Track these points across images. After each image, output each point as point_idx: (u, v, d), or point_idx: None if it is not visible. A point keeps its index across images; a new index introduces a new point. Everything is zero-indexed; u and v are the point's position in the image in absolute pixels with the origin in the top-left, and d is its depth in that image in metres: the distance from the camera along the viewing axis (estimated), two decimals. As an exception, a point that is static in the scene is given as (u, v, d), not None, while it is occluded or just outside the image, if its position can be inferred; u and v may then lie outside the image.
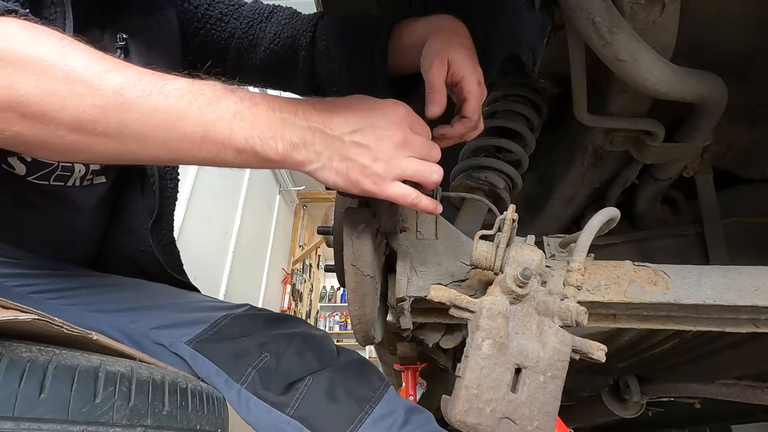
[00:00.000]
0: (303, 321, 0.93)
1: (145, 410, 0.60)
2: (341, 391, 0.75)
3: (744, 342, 1.13)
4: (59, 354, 0.54)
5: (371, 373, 0.82)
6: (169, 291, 0.95)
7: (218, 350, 0.79)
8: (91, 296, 0.85)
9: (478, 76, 0.70)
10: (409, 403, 0.80)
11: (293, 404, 0.74)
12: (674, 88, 0.73)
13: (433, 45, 0.71)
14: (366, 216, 0.66)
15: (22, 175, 0.78)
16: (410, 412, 0.77)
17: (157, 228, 0.97)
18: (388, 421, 0.74)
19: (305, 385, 0.75)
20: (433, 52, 0.70)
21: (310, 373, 0.77)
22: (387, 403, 0.76)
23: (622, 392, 1.75)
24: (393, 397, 0.78)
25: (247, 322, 0.84)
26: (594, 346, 0.60)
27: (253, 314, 0.87)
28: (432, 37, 0.72)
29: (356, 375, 0.79)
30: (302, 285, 7.85)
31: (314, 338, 0.84)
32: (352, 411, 0.73)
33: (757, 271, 0.74)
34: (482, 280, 0.76)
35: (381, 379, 0.80)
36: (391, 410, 0.76)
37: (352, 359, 0.83)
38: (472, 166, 1.00)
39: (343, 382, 0.77)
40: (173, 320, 0.83)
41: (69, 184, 0.84)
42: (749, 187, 1.16)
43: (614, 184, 1.10)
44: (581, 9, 0.66)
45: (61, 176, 0.82)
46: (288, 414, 0.73)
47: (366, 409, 0.74)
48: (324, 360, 0.79)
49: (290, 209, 7.56)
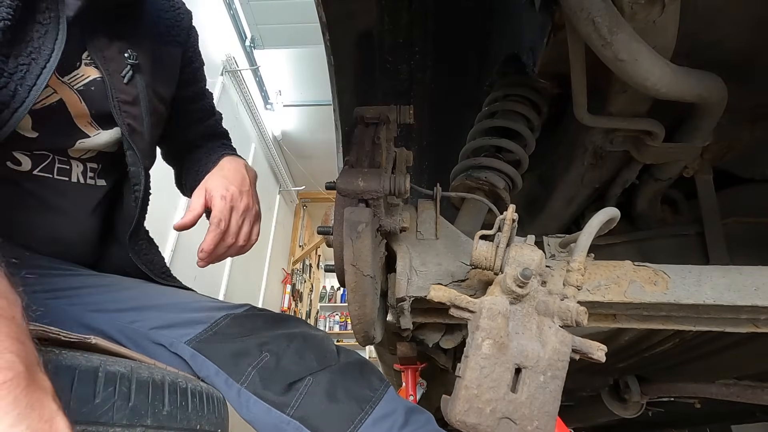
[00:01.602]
0: (303, 321, 0.93)
1: (145, 410, 0.60)
2: (341, 391, 0.76)
3: (744, 342, 1.13)
4: (59, 354, 0.54)
5: (371, 373, 0.82)
6: (169, 291, 0.95)
7: (218, 350, 0.79)
8: (91, 296, 0.85)
9: (223, 192, 0.93)
10: (409, 404, 0.80)
11: (293, 404, 0.74)
12: (674, 88, 0.73)
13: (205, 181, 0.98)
14: (366, 216, 0.66)
15: (27, 170, 0.83)
16: (410, 413, 0.77)
17: (134, 239, 0.98)
18: (388, 421, 0.74)
19: (305, 385, 0.75)
20: (199, 184, 0.97)
21: (310, 373, 0.77)
22: (387, 403, 0.76)
23: (622, 392, 1.75)
24: (393, 398, 0.78)
25: (247, 322, 0.84)
26: (594, 346, 0.60)
27: (253, 314, 0.87)
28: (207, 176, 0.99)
29: (356, 375, 0.79)
30: (302, 285, 7.85)
31: (314, 338, 0.84)
32: (352, 411, 0.73)
33: (757, 271, 0.74)
34: (482, 280, 0.76)
35: (381, 380, 0.80)
36: (391, 410, 0.76)
37: (352, 360, 0.83)
38: (472, 166, 1.00)
39: (343, 382, 0.77)
40: (173, 320, 0.83)
41: (73, 180, 0.90)
42: (749, 187, 1.15)
43: (614, 184, 1.10)
44: (581, 9, 0.66)
45: (62, 170, 0.88)
46: (288, 414, 0.73)
47: (366, 410, 0.74)
48: (324, 360, 0.80)
49: (290, 209, 7.56)
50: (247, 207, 0.96)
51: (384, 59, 1.19)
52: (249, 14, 4.53)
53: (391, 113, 0.77)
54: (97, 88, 0.87)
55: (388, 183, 0.65)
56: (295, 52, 5.01)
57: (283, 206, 6.98)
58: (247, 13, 4.52)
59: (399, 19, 1.11)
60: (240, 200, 0.95)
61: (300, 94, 5.71)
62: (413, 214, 0.84)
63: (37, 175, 0.84)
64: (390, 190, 0.66)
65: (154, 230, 1.14)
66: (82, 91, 0.85)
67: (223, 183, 0.95)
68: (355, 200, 0.68)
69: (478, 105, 1.11)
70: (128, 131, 0.90)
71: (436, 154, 1.47)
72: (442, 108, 1.33)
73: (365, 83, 1.23)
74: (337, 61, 1.10)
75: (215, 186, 0.94)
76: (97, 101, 0.87)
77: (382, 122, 0.76)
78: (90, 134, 0.89)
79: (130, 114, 0.91)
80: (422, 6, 1.09)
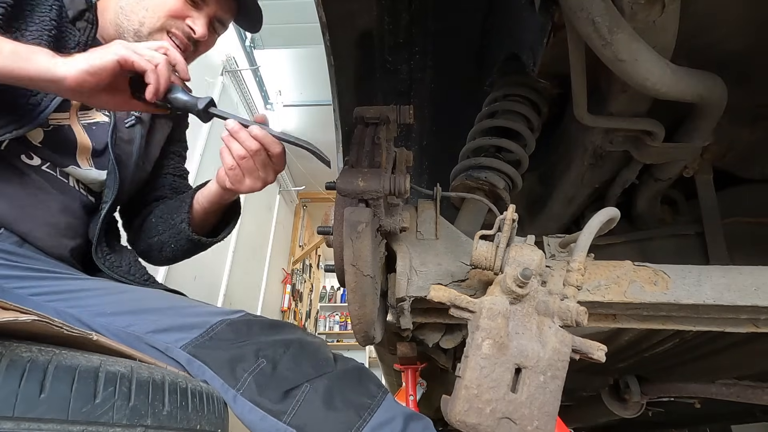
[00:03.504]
0: (299, 328, 0.93)
1: (145, 410, 0.60)
2: (338, 398, 0.75)
3: (744, 342, 1.13)
4: (59, 354, 0.54)
5: (369, 380, 0.81)
6: (165, 296, 0.96)
7: (214, 355, 0.79)
8: (88, 299, 0.86)
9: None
10: (407, 410, 0.79)
11: (290, 412, 0.73)
12: (674, 88, 0.73)
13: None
14: (366, 216, 0.66)
15: (37, 164, 0.95)
16: (409, 419, 0.77)
17: (99, 249, 1.02)
18: (387, 429, 0.73)
19: (302, 392, 0.75)
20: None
21: (307, 380, 0.76)
22: (385, 410, 0.76)
23: (622, 392, 1.75)
24: (391, 405, 0.78)
25: (243, 328, 0.84)
26: (594, 346, 0.60)
27: (249, 320, 0.87)
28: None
29: (354, 383, 0.79)
30: (302, 285, 7.85)
31: (311, 345, 0.83)
32: (350, 419, 0.73)
33: (757, 271, 0.74)
34: (482, 280, 0.76)
35: (379, 387, 0.80)
36: (389, 418, 0.75)
37: (349, 367, 0.82)
38: (472, 166, 1.00)
39: (341, 389, 0.76)
40: (168, 325, 0.83)
41: (71, 184, 1.01)
42: (749, 187, 1.16)
43: (614, 184, 1.10)
44: (581, 9, 0.66)
45: (63, 172, 0.99)
46: (284, 422, 0.73)
47: (364, 417, 0.73)
48: (321, 367, 0.79)
49: (290, 209, 7.56)
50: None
51: (384, 59, 1.19)
52: (249, 14, 4.53)
53: (391, 113, 0.77)
54: (100, 128, 1.04)
55: (388, 183, 0.65)
56: (295, 52, 5.01)
57: (283, 206, 6.98)
58: (247, 14, 4.52)
59: (399, 19, 1.11)
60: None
61: (300, 94, 5.71)
62: (413, 214, 0.84)
63: (44, 170, 0.96)
64: (390, 190, 0.66)
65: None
66: (86, 127, 1.02)
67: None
68: (355, 200, 0.68)
69: (478, 105, 1.11)
70: (115, 158, 1.03)
71: (436, 154, 1.47)
72: (442, 108, 1.33)
73: (365, 83, 1.23)
74: (337, 61, 1.10)
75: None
76: (99, 136, 1.03)
77: (382, 122, 0.76)
78: (82, 167, 1.01)
79: (122, 148, 1.07)
80: (422, 6, 1.09)
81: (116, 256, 1.05)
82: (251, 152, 0.91)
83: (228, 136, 0.93)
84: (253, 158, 0.92)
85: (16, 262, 0.86)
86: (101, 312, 0.84)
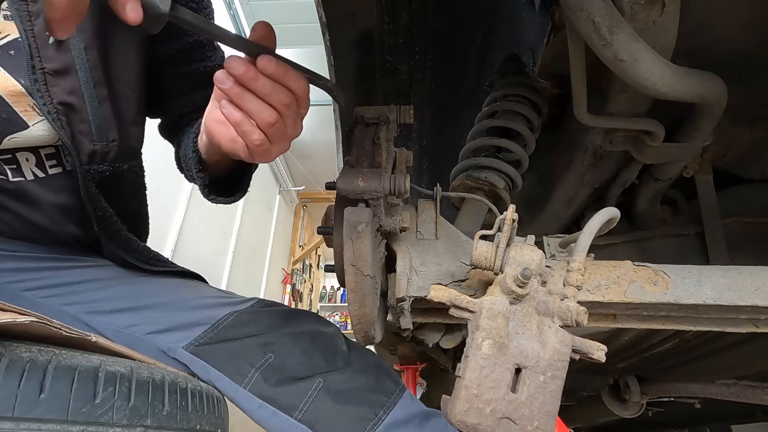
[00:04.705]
0: (314, 316, 0.87)
1: (145, 410, 0.60)
2: (352, 394, 0.72)
3: (744, 342, 1.13)
4: (59, 354, 0.54)
5: (386, 375, 0.77)
6: (173, 285, 0.90)
7: (218, 353, 0.76)
8: (87, 293, 0.82)
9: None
10: (426, 408, 0.76)
11: (301, 408, 0.70)
12: (674, 88, 0.73)
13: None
14: (366, 216, 0.66)
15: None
16: (427, 417, 0.73)
17: (105, 227, 0.85)
18: (403, 428, 0.70)
19: (314, 388, 0.72)
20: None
21: (320, 375, 0.73)
22: (402, 408, 0.72)
23: (622, 392, 1.75)
24: (409, 402, 0.74)
25: (252, 321, 0.80)
26: (594, 346, 0.60)
27: (259, 311, 0.82)
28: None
29: (369, 378, 0.75)
30: (302, 285, 7.85)
31: (323, 336, 0.79)
32: (364, 416, 0.69)
33: (757, 271, 0.73)
34: (482, 280, 0.76)
35: (396, 383, 0.76)
36: (406, 416, 0.72)
37: (365, 361, 0.79)
38: (472, 166, 1.00)
39: (355, 385, 0.73)
40: (171, 323, 0.80)
41: (29, 178, 0.77)
42: (749, 187, 1.15)
43: (614, 184, 1.10)
44: (581, 9, 0.66)
45: (13, 170, 0.75)
46: (295, 418, 0.70)
47: (379, 415, 0.70)
48: (334, 361, 0.75)
49: (290, 209, 7.56)
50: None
51: (384, 59, 1.19)
52: (249, 14, 4.52)
53: (391, 113, 0.77)
54: (17, 53, 0.65)
55: (388, 183, 0.65)
56: (295, 52, 5.01)
57: (283, 206, 6.98)
58: (247, 13, 4.52)
59: (399, 19, 1.11)
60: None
61: (300, 94, 5.71)
62: (413, 214, 0.84)
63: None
64: (390, 190, 0.66)
65: (155, 230, 1.14)
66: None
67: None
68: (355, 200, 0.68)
69: (478, 105, 1.11)
70: (61, 111, 0.69)
71: (436, 154, 1.47)
72: (442, 108, 1.33)
73: (365, 83, 1.23)
74: (337, 61, 1.10)
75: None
76: (19, 70, 0.66)
77: (382, 122, 0.75)
78: (30, 123, 0.69)
79: (61, 87, 0.69)
80: (422, 6, 1.09)
81: (121, 237, 0.88)
82: (284, 108, 0.60)
83: (235, 86, 0.58)
84: (284, 119, 0.61)
85: (11, 251, 0.81)
86: (101, 310, 0.81)
